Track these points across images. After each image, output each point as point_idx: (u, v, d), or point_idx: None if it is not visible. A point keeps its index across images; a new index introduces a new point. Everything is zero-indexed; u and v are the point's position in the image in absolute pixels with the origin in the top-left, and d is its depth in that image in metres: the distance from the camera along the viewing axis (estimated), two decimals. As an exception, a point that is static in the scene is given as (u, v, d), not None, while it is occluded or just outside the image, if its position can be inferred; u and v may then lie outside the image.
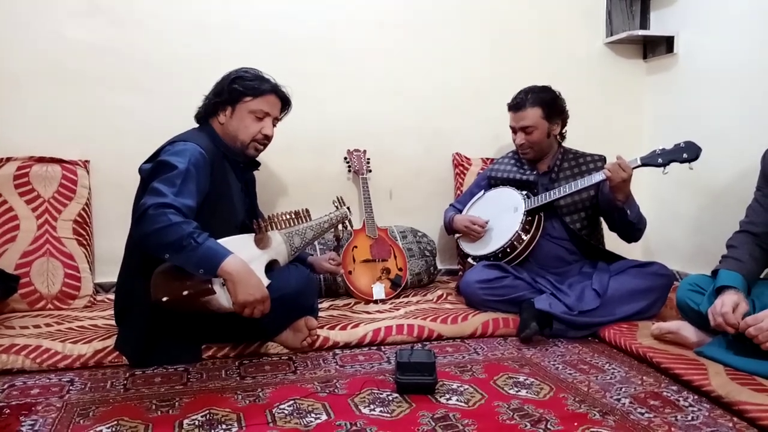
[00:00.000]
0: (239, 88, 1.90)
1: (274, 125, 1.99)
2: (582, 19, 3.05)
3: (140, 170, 1.83)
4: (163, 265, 1.62)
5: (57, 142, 2.45)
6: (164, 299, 1.58)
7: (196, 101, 1.99)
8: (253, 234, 1.83)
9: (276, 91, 1.96)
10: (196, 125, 2.00)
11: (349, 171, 2.80)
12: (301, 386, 1.64)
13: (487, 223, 2.41)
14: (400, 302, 2.43)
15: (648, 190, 3.00)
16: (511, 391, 1.61)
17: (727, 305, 1.67)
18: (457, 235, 2.58)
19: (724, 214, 2.51)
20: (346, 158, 2.79)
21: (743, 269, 1.78)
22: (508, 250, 2.30)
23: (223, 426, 1.40)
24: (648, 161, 2.10)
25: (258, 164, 2.11)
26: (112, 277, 2.01)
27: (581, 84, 2.90)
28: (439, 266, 2.89)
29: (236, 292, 1.60)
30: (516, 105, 2.36)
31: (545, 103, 2.33)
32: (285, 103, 2.02)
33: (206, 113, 1.97)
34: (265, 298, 1.64)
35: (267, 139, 1.97)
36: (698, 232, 2.80)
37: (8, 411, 1.47)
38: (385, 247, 2.60)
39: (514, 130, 2.40)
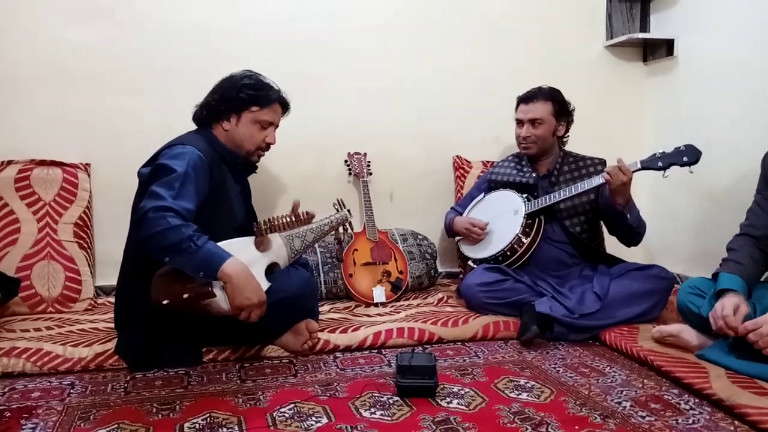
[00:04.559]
0: (247, 97, 1.90)
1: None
2: (582, 22, 3.06)
3: (139, 174, 1.83)
4: (163, 268, 1.62)
5: (58, 145, 2.46)
6: (165, 302, 1.58)
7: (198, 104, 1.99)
8: (253, 237, 1.83)
9: (280, 100, 1.98)
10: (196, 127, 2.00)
11: (350, 174, 2.80)
12: (301, 389, 1.64)
13: (487, 225, 2.41)
14: (401, 305, 2.43)
15: (648, 193, 3.01)
16: (511, 395, 1.61)
17: (728, 308, 1.67)
18: (457, 238, 2.58)
19: (725, 217, 2.51)
20: (346, 161, 2.79)
21: (743, 272, 1.78)
22: (509, 253, 2.30)
23: (224, 429, 1.40)
24: (648, 165, 2.10)
25: (255, 167, 2.11)
26: (113, 280, 2.01)
27: (581, 87, 2.89)
28: (440, 269, 2.89)
29: (233, 296, 1.60)
30: (528, 97, 2.40)
31: (556, 100, 2.38)
32: (285, 109, 2.04)
33: (209, 117, 1.96)
34: (262, 302, 1.64)
35: (269, 146, 2.00)
36: (699, 234, 2.80)
37: (9, 414, 1.47)
38: (385, 250, 2.60)
39: (521, 123, 2.41)
